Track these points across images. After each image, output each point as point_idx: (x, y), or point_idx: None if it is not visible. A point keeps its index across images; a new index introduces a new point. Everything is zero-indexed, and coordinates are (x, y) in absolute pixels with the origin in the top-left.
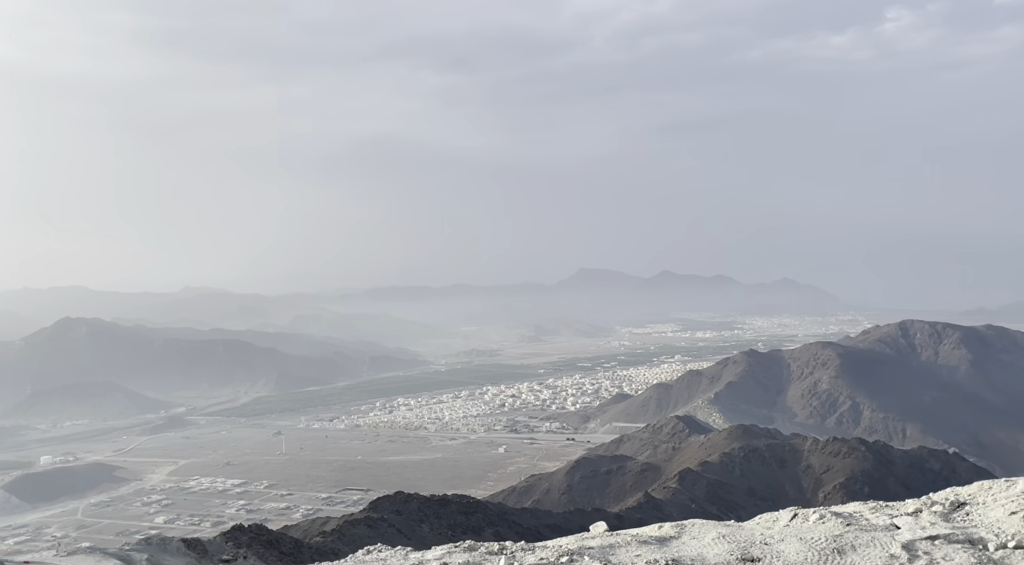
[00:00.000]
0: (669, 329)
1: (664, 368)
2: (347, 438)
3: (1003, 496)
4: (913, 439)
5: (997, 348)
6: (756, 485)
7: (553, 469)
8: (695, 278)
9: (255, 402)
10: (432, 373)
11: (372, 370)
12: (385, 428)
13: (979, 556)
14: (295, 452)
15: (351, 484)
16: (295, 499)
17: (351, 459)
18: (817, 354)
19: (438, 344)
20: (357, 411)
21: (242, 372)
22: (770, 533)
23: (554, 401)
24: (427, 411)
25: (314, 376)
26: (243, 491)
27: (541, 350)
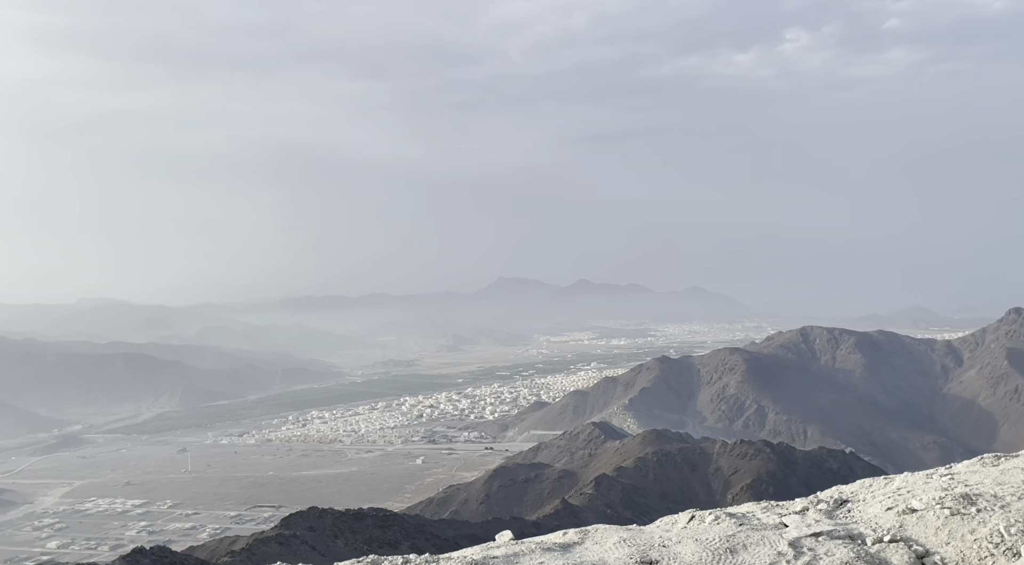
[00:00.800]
0: (586, 337)
1: (581, 375)
2: (258, 453)
3: (881, 493)
4: (814, 440)
5: (888, 352)
6: (669, 488)
7: (471, 479)
8: (610, 286)
9: (158, 418)
10: (348, 385)
11: (285, 383)
12: (298, 442)
13: (857, 550)
14: (201, 469)
15: (262, 501)
16: (201, 518)
17: (262, 475)
18: (725, 360)
19: (354, 355)
20: (268, 425)
21: (144, 387)
22: (668, 535)
23: (473, 410)
24: (342, 424)
25: (222, 390)
26: (145, 512)
27: (460, 359)
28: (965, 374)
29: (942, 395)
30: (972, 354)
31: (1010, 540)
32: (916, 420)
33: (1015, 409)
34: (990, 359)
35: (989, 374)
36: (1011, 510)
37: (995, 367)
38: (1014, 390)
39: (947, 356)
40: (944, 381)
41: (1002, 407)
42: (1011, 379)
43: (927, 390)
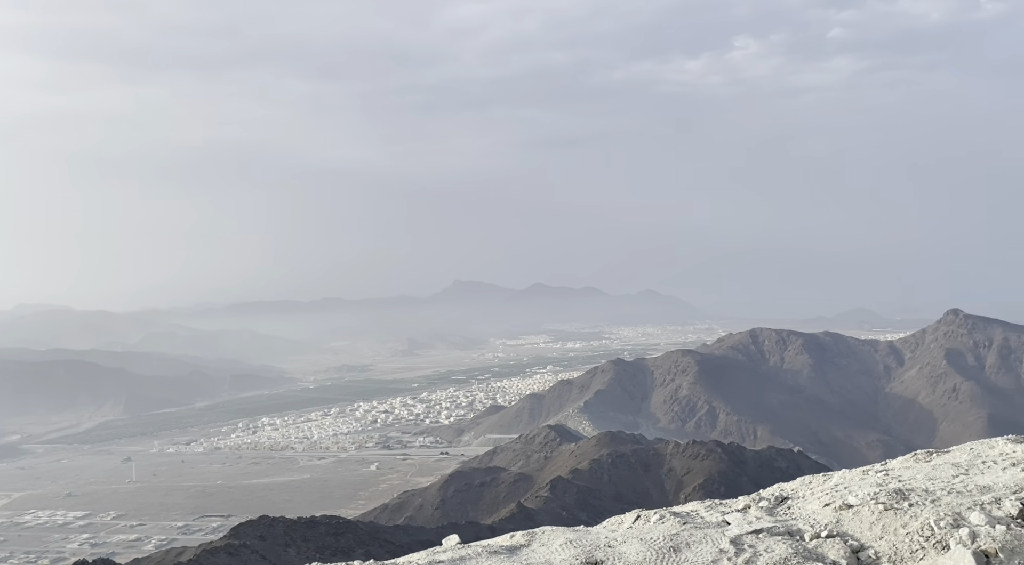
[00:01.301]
0: (541, 340)
1: (537, 379)
2: (206, 462)
3: (820, 489)
4: (763, 439)
5: (834, 353)
6: (623, 490)
7: (427, 484)
8: (566, 290)
9: (101, 427)
10: (300, 391)
11: (234, 389)
12: (248, 450)
13: (796, 546)
14: (147, 479)
15: (210, 510)
16: (147, 530)
17: (210, 484)
18: (678, 361)
19: (306, 360)
20: (217, 433)
21: (86, 395)
22: (614, 536)
23: (428, 415)
24: (294, 430)
25: (169, 397)
26: (87, 524)
27: (415, 364)
28: (906, 374)
29: (885, 394)
30: (913, 354)
31: (940, 533)
32: (860, 419)
33: (953, 407)
34: (929, 359)
35: (929, 373)
36: (941, 504)
37: (934, 367)
38: (952, 389)
39: (889, 356)
40: (887, 380)
41: (941, 405)
42: (949, 378)
43: (871, 389)
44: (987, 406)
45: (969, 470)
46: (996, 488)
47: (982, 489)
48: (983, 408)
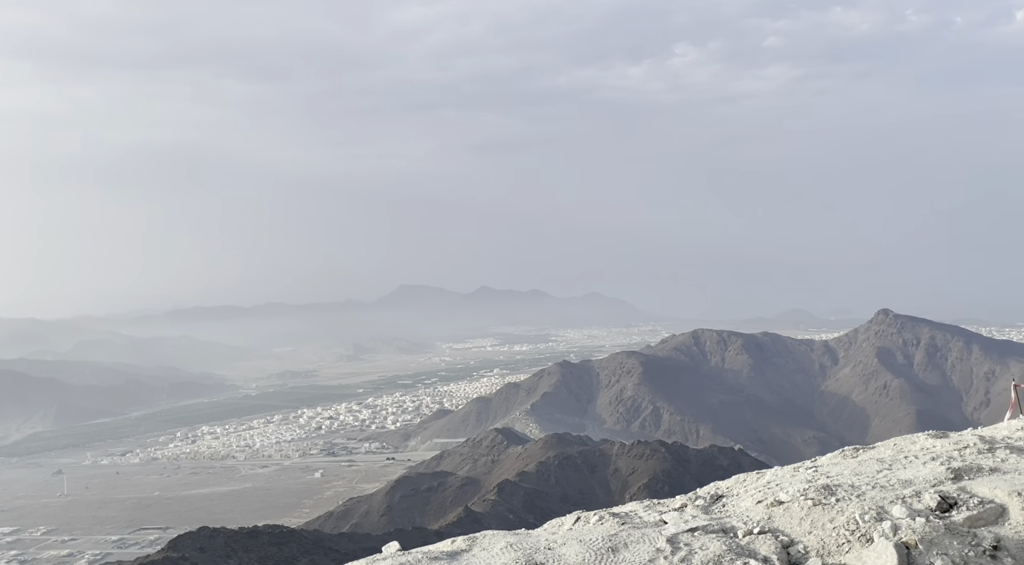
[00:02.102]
0: (488, 343)
1: (484, 382)
2: (142, 473)
3: (753, 487)
4: (705, 438)
5: (772, 352)
6: (570, 491)
7: (373, 490)
8: (512, 293)
9: (30, 439)
10: (241, 398)
11: (172, 397)
12: (187, 459)
13: (729, 543)
14: (79, 492)
15: (147, 523)
16: (79, 545)
17: (147, 496)
18: (623, 363)
19: (248, 367)
20: (154, 443)
21: (13, 406)
22: (554, 538)
23: (374, 421)
24: (235, 438)
25: (103, 407)
26: (15, 540)
27: (360, 369)
28: (840, 372)
29: (820, 392)
30: (846, 353)
31: (864, 527)
32: (797, 416)
33: (884, 403)
34: (862, 357)
35: (861, 372)
36: (866, 499)
37: (866, 365)
38: (883, 386)
39: (824, 355)
40: (822, 379)
41: (873, 402)
42: (880, 376)
43: (807, 387)
44: (915, 402)
45: (892, 465)
46: (917, 482)
47: (904, 483)
48: (912, 404)
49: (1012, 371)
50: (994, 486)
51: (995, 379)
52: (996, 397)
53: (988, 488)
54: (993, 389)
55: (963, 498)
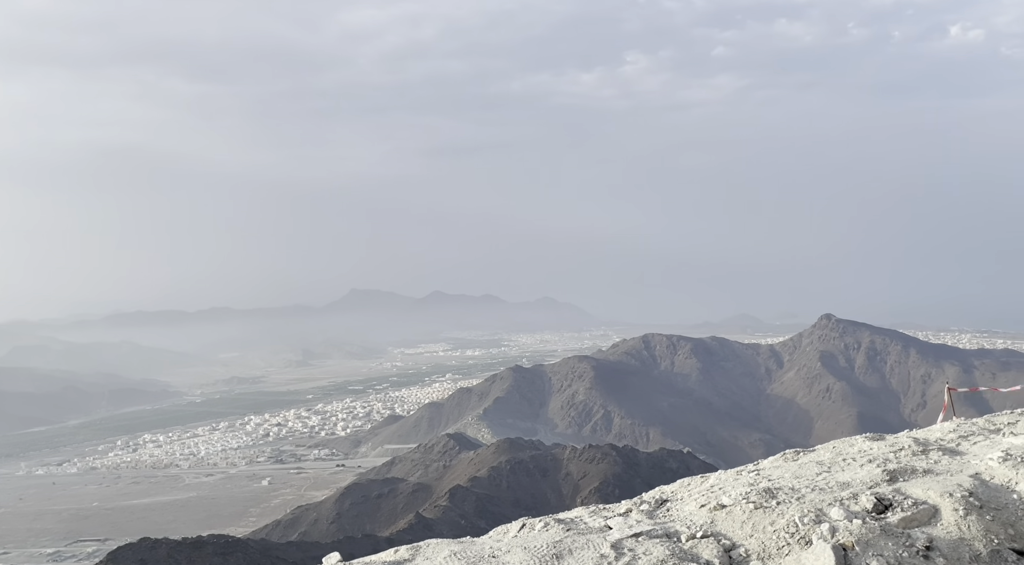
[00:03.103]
0: (440, 348)
1: (436, 387)
2: (80, 483)
3: (697, 491)
4: (655, 442)
5: (720, 356)
6: (522, 496)
7: (322, 498)
8: (465, 297)
9: None
10: (186, 405)
11: (112, 405)
12: (128, 469)
13: (673, 548)
14: (12, 503)
15: (85, 534)
16: (12, 559)
17: (85, 506)
18: (574, 367)
19: (193, 373)
20: (93, 452)
21: None
22: (499, 545)
23: (323, 427)
24: (179, 447)
25: (38, 415)
26: None
27: (310, 375)
28: (785, 375)
29: (766, 395)
30: (791, 357)
31: (803, 529)
32: (744, 419)
33: (827, 406)
34: (806, 361)
35: (805, 375)
36: (805, 501)
37: (810, 368)
38: (826, 389)
39: (770, 359)
40: (768, 382)
41: (816, 404)
42: (823, 379)
43: (753, 391)
44: (857, 404)
45: (831, 467)
46: (854, 484)
47: (842, 485)
48: (853, 406)
49: (947, 374)
50: (927, 487)
51: (931, 382)
52: (932, 399)
53: (921, 489)
54: (929, 391)
55: (898, 499)
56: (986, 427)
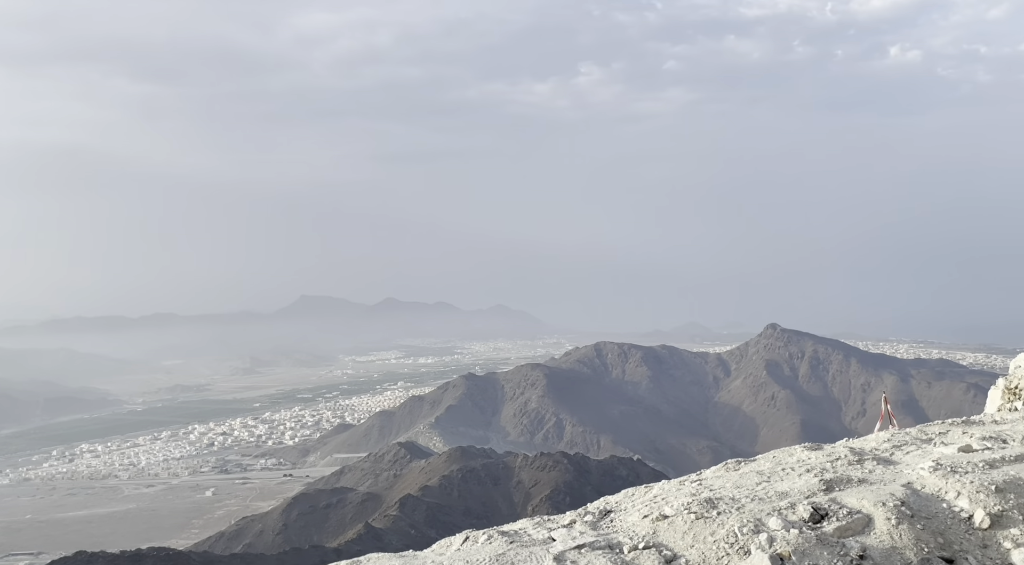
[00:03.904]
0: (393, 356)
1: (387, 395)
2: (12, 494)
3: (641, 501)
4: (606, 449)
5: (669, 365)
6: (473, 504)
7: (268, 508)
8: (418, 305)
9: None
10: (126, 414)
11: (48, 414)
12: (63, 480)
13: (615, 559)
14: None
15: (16, 549)
16: None
17: (17, 519)
18: (527, 375)
19: (135, 381)
20: (27, 462)
21: None
22: (441, 559)
23: (271, 436)
24: (118, 456)
25: None
26: None
27: (257, 383)
28: (732, 383)
29: (714, 403)
30: (738, 365)
31: (743, 539)
32: (693, 427)
33: (772, 414)
34: (752, 370)
35: (751, 383)
36: (745, 511)
37: (756, 377)
38: (771, 397)
39: (718, 367)
40: (715, 390)
41: (762, 412)
42: (768, 387)
43: (702, 399)
44: (800, 412)
45: (771, 477)
46: (792, 494)
47: (780, 495)
48: (797, 414)
49: (885, 383)
50: (861, 497)
51: (870, 390)
52: (871, 407)
53: (856, 499)
54: (868, 400)
55: (833, 509)
56: (919, 437)
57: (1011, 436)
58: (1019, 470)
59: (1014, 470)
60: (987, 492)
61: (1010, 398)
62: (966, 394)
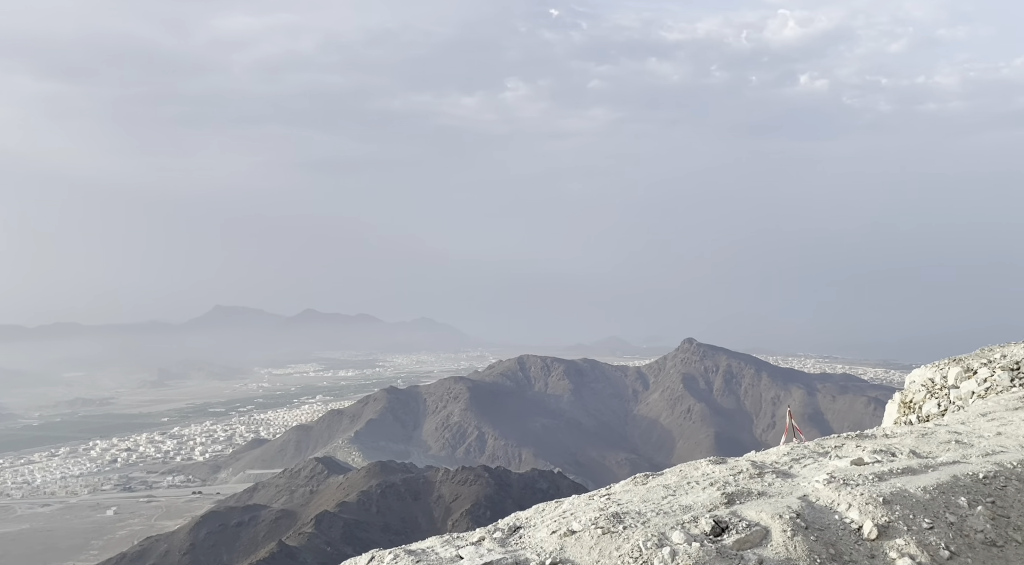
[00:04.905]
0: (311, 368)
1: (305, 409)
2: None
3: (550, 517)
4: (527, 462)
5: (591, 378)
6: (392, 520)
7: (175, 527)
8: (339, 317)
9: None
10: (21, 429)
11: None
12: None
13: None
14: None
15: None
16: None
17: None
18: (450, 388)
19: (31, 394)
20: None
21: None
22: None
23: (179, 452)
24: (11, 474)
25: None
26: None
27: (166, 396)
28: (650, 396)
29: (633, 415)
30: (656, 379)
31: (647, 553)
32: (612, 439)
33: (688, 426)
34: (669, 383)
35: (668, 396)
36: (650, 525)
37: (673, 390)
38: (687, 410)
39: (637, 381)
40: (635, 403)
41: (678, 425)
42: (684, 400)
43: (621, 412)
44: (714, 425)
45: (676, 491)
46: (695, 507)
47: (684, 509)
48: (711, 427)
49: (793, 396)
50: (760, 510)
51: (780, 403)
52: (780, 420)
53: (755, 512)
54: (778, 413)
55: (734, 522)
56: (816, 450)
57: (899, 449)
58: (905, 482)
59: (900, 482)
60: (875, 504)
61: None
62: (867, 407)
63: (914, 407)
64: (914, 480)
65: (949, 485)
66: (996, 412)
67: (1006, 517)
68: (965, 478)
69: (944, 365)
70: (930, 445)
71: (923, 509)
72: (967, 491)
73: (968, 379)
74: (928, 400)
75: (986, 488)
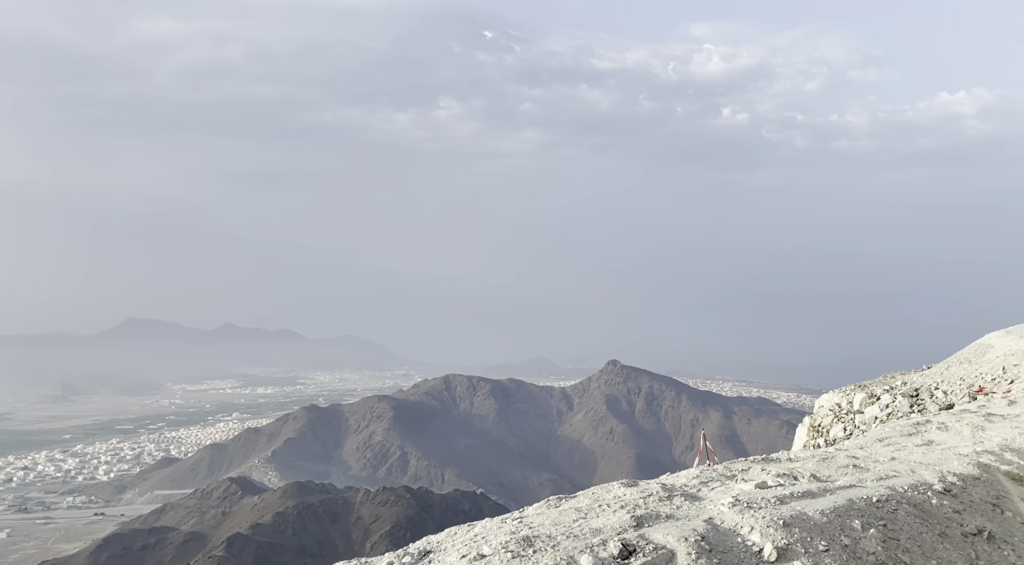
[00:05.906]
0: (228, 385)
1: (220, 427)
2: None
3: (461, 541)
4: (450, 483)
5: (516, 398)
6: (308, 543)
7: (73, 551)
8: (260, 332)
9: None
10: None
11: None
12: None
13: None
14: None
15: None
16: None
17: None
18: (373, 407)
19: None
20: None
21: None
22: None
23: (81, 471)
24: None
25: None
26: None
27: (70, 412)
28: (575, 417)
29: (557, 436)
30: (580, 399)
31: None
32: (536, 460)
33: (610, 447)
34: (593, 404)
35: (592, 417)
36: (559, 549)
37: (596, 411)
38: (609, 431)
39: (562, 401)
40: (559, 424)
41: (601, 445)
42: (607, 421)
43: (545, 432)
44: (636, 446)
45: (588, 514)
46: (605, 530)
47: (594, 532)
48: (632, 448)
49: (711, 419)
50: (667, 532)
51: (698, 425)
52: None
53: (662, 534)
54: (696, 434)
55: (641, 545)
56: (724, 473)
57: (801, 473)
58: (804, 505)
59: (800, 505)
60: (776, 526)
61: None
62: (780, 430)
63: (822, 431)
64: (813, 503)
65: (845, 508)
66: (892, 438)
67: (896, 540)
68: (860, 502)
69: (850, 391)
70: (830, 469)
71: (820, 532)
72: (861, 514)
73: (872, 404)
74: (835, 424)
75: (879, 511)
